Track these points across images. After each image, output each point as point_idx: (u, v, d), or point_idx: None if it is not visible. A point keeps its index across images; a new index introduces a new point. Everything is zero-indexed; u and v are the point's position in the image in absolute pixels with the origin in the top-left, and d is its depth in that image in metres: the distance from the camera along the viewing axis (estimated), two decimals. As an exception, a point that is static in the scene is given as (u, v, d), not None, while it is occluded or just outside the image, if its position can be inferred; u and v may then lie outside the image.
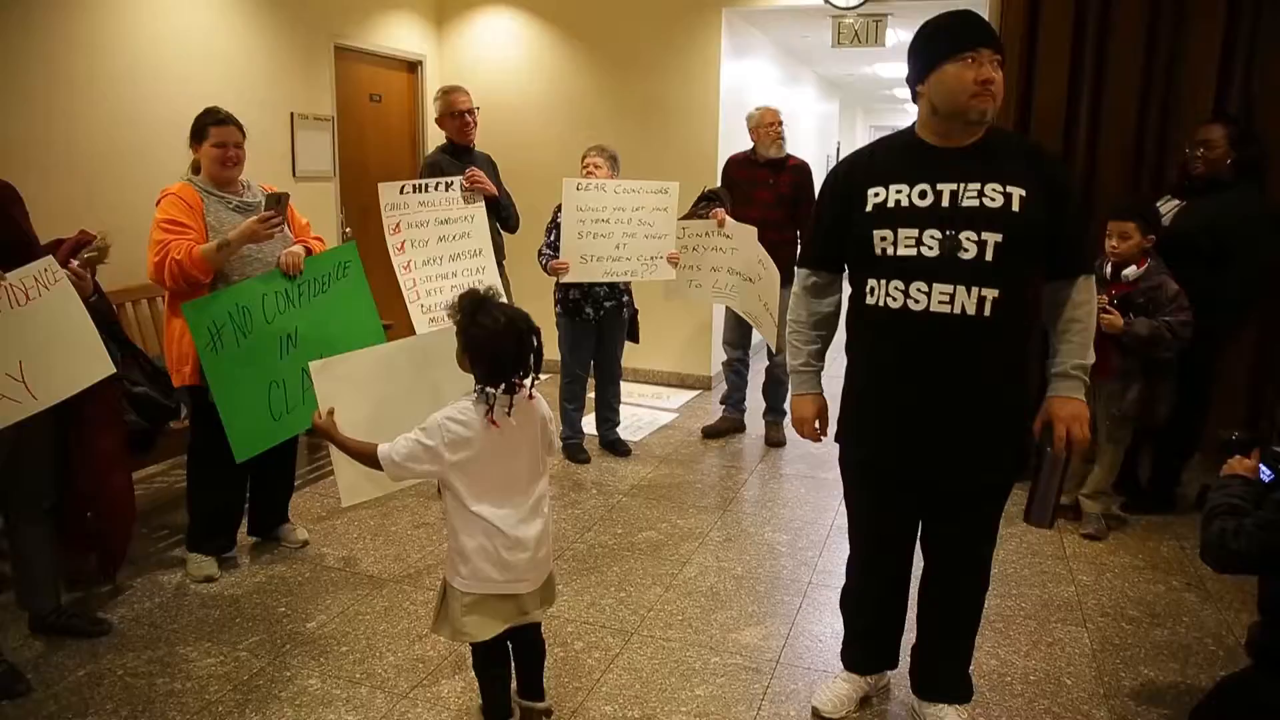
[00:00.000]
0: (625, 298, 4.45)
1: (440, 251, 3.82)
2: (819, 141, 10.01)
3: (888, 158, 2.16)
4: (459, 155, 4.06)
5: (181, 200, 3.04)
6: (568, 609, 3.06)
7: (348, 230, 5.58)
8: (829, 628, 2.95)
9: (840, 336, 2.33)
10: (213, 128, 3.08)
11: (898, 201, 2.07)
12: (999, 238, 1.99)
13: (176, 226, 2.99)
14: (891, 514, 2.31)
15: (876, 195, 2.10)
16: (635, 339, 4.66)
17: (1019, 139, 2.21)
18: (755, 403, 5.10)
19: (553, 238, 4.25)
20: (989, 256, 2.00)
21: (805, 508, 4.01)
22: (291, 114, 5.09)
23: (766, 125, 4.63)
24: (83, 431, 2.74)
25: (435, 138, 6.36)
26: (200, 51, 4.52)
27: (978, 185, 2.01)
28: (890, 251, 2.08)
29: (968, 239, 2.00)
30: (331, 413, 2.32)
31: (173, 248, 2.95)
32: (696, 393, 6.03)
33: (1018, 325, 2.08)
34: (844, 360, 2.32)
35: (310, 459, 4.42)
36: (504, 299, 2.45)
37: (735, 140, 5.61)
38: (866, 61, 8.69)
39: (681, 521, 3.83)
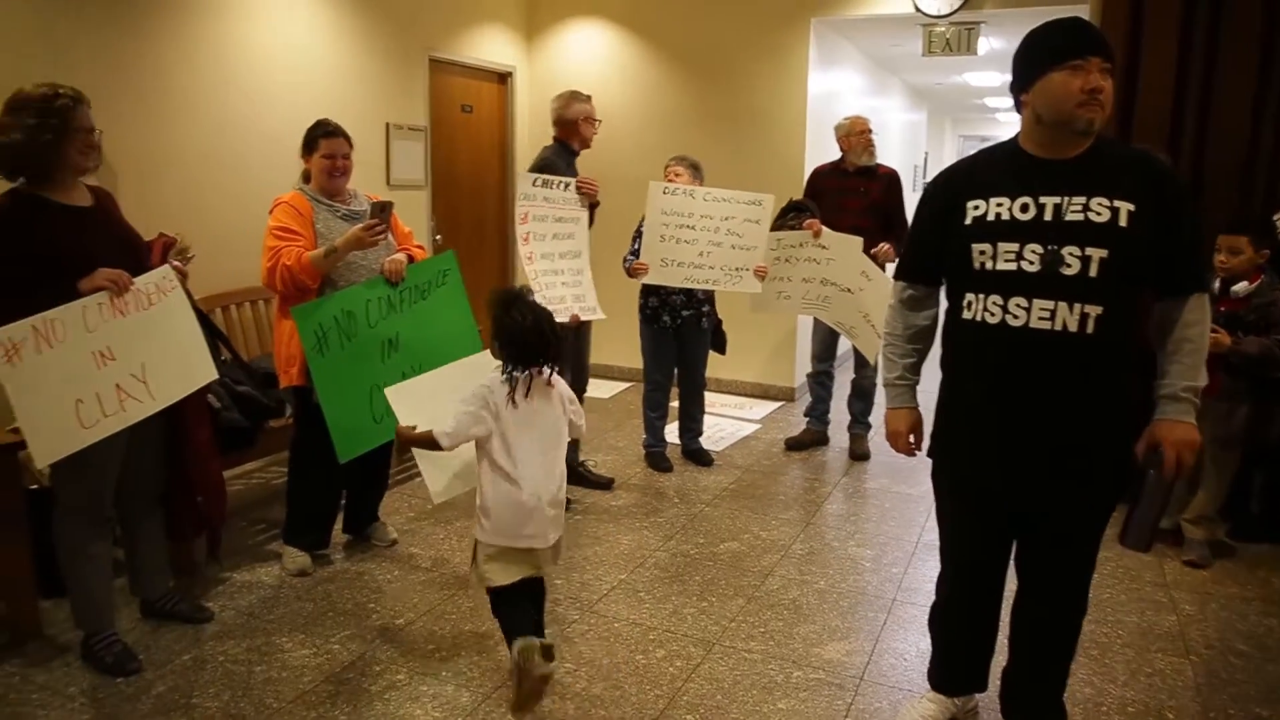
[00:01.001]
0: (705, 308, 4.44)
1: (553, 248, 3.88)
2: (906, 152, 9.85)
3: (989, 169, 2.11)
4: (570, 157, 4.11)
5: (293, 208, 3.15)
6: (649, 616, 3.07)
7: (438, 237, 5.72)
8: (914, 646, 2.89)
9: (936, 351, 2.30)
10: (322, 139, 3.18)
11: (998, 215, 2.03)
12: (1104, 254, 1.93)
13: (288, 234, 3.10)
14: (985, 534, 2.25)
15: (976, 208, 2.06)
16: (721, 350, 4.65)
17: (1130, 150, 2.12)
18: (839, 415, 5.04)
19: (637, 245, 4.28)
20: (1093, 273, 1.94)
21: (890, 523, 3.94)
22: (387, 124, 5.25)
23: (858, 133, 4.58)
24: (185, 424, 2.87)
25: (524, 146, 6.50)
26: (301, 64, 4.71)
27: (1083, 199, 1.95)
28: (989, 266, 2.03)
29: (1071, 254, 1.95)
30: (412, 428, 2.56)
31: (284, 254, 3.05)
32: (779, 404, 5.98)
33: (1122, 343, 2.01)
34: (939, 374, 2.28)
35: (400, 460, 4.53)
36: (535, 297, 2.72)
37: (821, 151, 5.57)
38: (956, 70, 8.53)
39: (764, 533, 3.81)
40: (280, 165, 4.47)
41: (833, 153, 4.80)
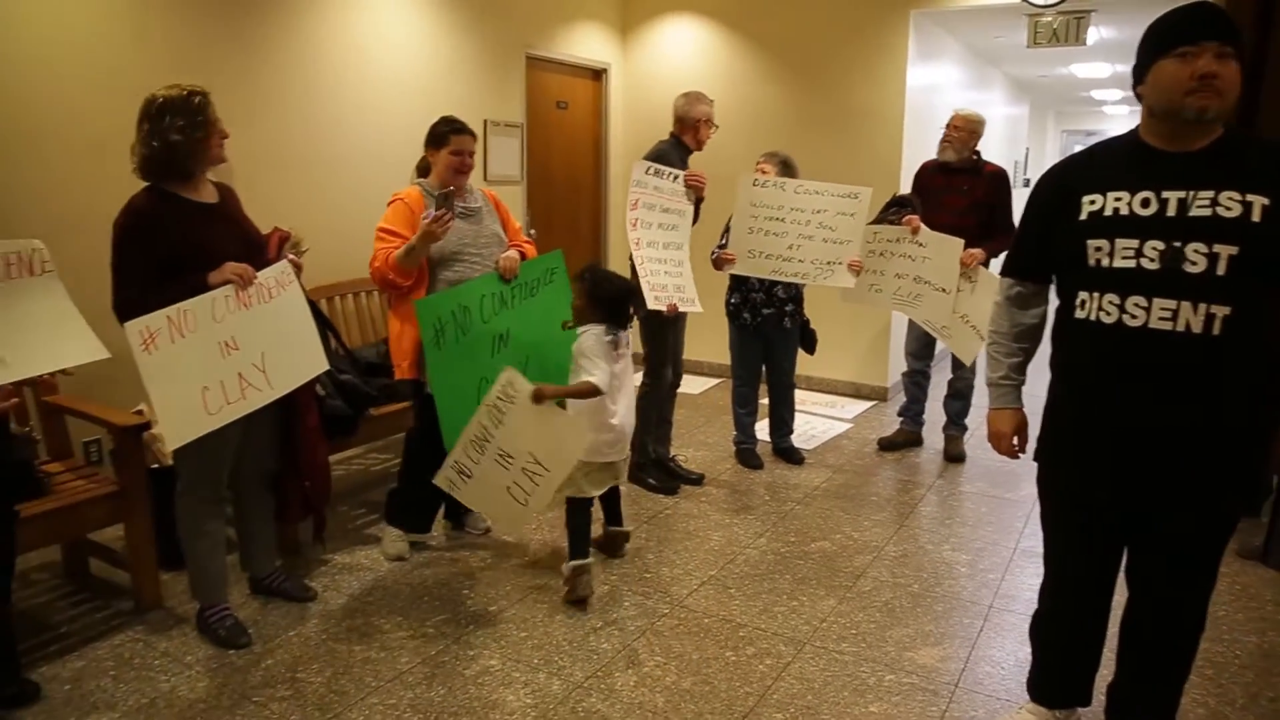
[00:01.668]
0: (788, 307, 4.38)
1: (657, 237, 3.90)
2: (1007, 147, 9.54)
3: (1107, 162, 2.02)
4: (684, 154, 4.12)
5: (406, 206, 3.18)
6: (739, 612, 3.06)
7: (532, 232, 5.81)
8: (1012, 655, 2.81)
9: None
10: (454, 135, 3.22)
11: (1116, 210, 1.94)
12: (1234, 250, 1.82)
13: (389, 235, 3.14)
14: (1092, 543, 2.16)
15: (1093, 202, 1.98)
16: (810, 350, 4.59)
17: (1266, 141, 2.00)
18: (935, 416, 4.92)
19: (725, 240, 4.26)
20: (1221, 270, 1.84)
21: (987, 528, 3.84)
22: (485, 121, 5.35)
23: (950, 128, 4.46)
24: (296, 411, 2.99)
25: (617, 142, 6.55)
26: (404, 62, 4.84)
27: (1211, 193, 1.86)
28: (1106, 263, 1.95)
29: (1195, 251, 1.85)
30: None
31: (377, 256, 3.13)
32: (872, 403, 5.88)
33: (1255, 346, 1.89)
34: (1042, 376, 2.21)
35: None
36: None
37: (920, 147, 5.45)
38: (1063, 61, 8.21)
39: (856, 533, 3.75)
40: (382, 161, 4.62)
41: (932, 148, 4.68)
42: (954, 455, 4.72)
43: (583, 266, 3.20)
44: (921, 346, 4.77)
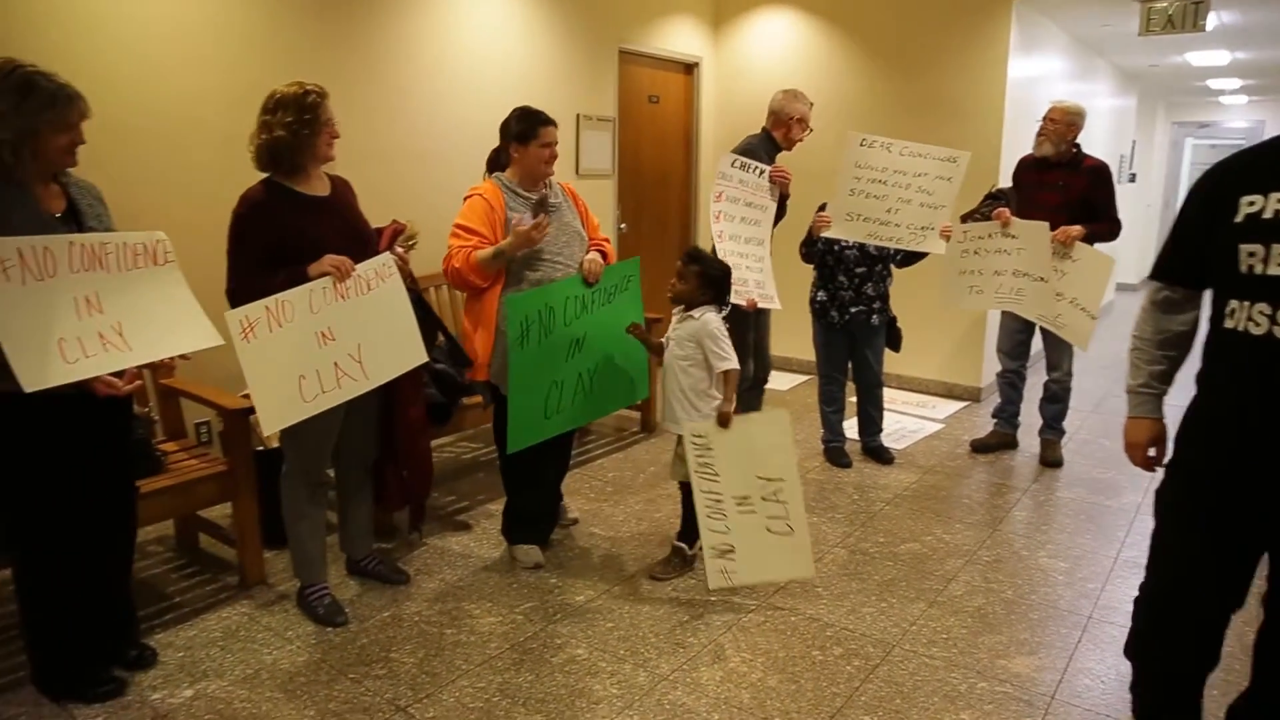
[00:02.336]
0: (876, 304, 4.30)
1: (740, 231, 3.89)
2: (1112, 140, 9.15)
3: (1274, 161, 1.86)
4: (772, 150, 4.09)
5: (484, 201, 3.11)
6: (826, 612, 3.03)
7: (623, 226, 5.84)
8: (1112, 669, 2.71)
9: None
10: (543, 128, 3.13)
11: (1277, 212, 1.79)
12: None
13: (466, 232, 3.08)
14: (1223, 569, 2.00)
15: (1251, 204, 1.82)
16: (896, 348, 4.51)
17: None
18: (1030, 418, 4.77)
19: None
20: None
21: (1086, 536, 3.70)
22: (578, 115, 5.40)
23: (1047, 120, 4.30)
24: (398, 400, 3.07)
25: (708, 136, 6.53)
26: (500, 57, 4.93)
27: None
28: (1259, 270, 1.80)
29: None
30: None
31: (454, 255, 3.07)
32: (964, 404, 5.74)
33: None
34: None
35: (579, 441, 4.67)
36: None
37: (1021, 140, 5.28)
38: (1177, 49, 7.82)
39: (947, 536, 3.67)
40: (479, 154, 4.70)
41: (1032, 143, 4.52)
42: (1050, 460, 4.57)
43: (686, 251, 3.20)
44: (1015, 345, 4.63)
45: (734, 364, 3.04)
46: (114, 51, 3.44)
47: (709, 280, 3.09)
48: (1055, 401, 4.56)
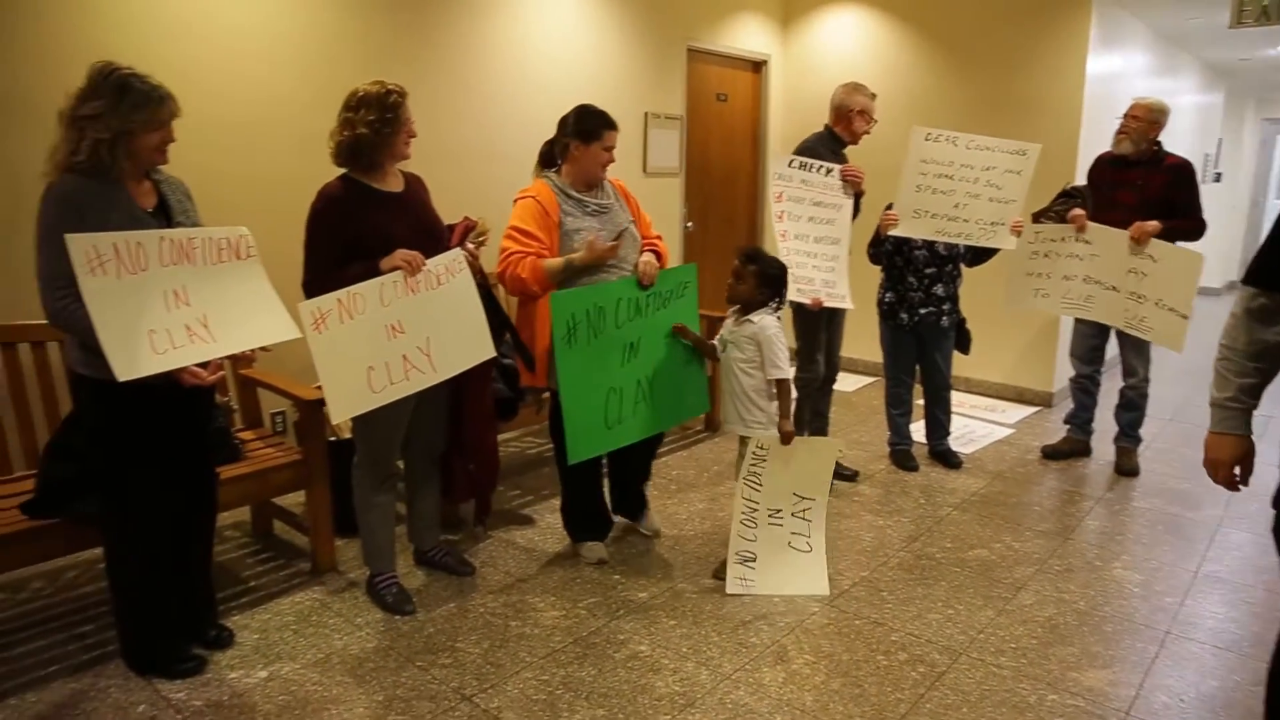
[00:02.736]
0: (946, 306, 4.22)
1: (808, 230, 3.85)
2: (1196, 138, 8.83)
3: None
4: (836, 146, 4.05)
5: (538, 204, 3.08)
6: (891, 616, 2.99)
7: (690, 224, 5.84)
8: (1193, 686, 2.62)
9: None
10: (608, 131, 3.11)
11: None
12: None
13: (525, 237, 3.05)
14: None
15: None
16: (965, 350, 4.42)
17: None
18: (1105, 425, 4.64)
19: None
20: None
21: (1163, 548, 3.59)
22: (645, 113, 5.41)
23: (1128, 118, 4.17)
24: (466, 394, 3.12)
25: (776, 134, 6.48)
26: (566, 57, 4.96)
27: None
28: None
29: None
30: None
31: (515, 261, 3.03)
32: (1035, 409, 5.60)
33: None
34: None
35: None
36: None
37: (1099, 139, 5.13)
38: (1270, 42, 7.51)
39: (1016, 543, 3.59)
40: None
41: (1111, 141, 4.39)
42: (1126, 469, 4.44)
43: (741, 250, 3.15)
44: (1089, 350, 4.50)
45: (786, 374, 3.04)
46: (202, 54, 3.56)
47: (767, 279, 3.08)
48: (1131, 409, 4.42)
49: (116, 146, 2.24)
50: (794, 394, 3.19)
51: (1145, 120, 4.11)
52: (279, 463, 3.15)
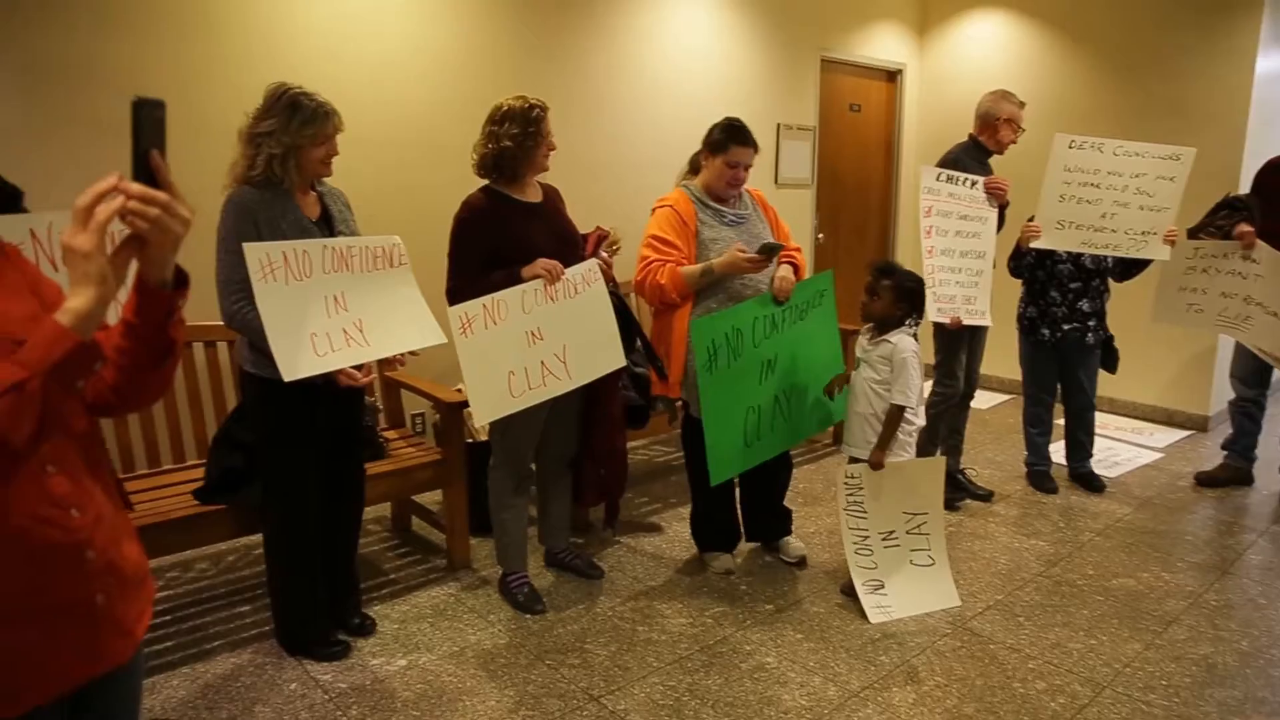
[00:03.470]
0: (1092, 322, 4.02)
1: (953, 245, 3.75)
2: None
3: None
4: (981, 157, 3.95)
5: (675, 214, 3.10)
6: (1028, 643, 2.88)
7: (820, 236, 5.78)
8: (1370, 738, 2.42)
9: None
10: (737, 147, 3.07)
11: None
12: None
13: (664, 245, 3.07)
14: None
15: None
16: (1111, 369, 4.20)
17: None
18: (1268, 453, 4.33)
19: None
20: None
21: (1336, 587, 3.32)
22: (778, 125, 5.40)
23: None
24: (598, 401, 3.18)
25: (910, 145, 6.35)
26: (699, 68, 5.01)
27: None
28: None
29: None
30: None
31: (655, 269, 3.05)
32: (1188, 433, 5.27)
33: None
34: None
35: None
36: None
37: (1268, 146, 4.80)
38: None
39: (1167, 575, 3.39)
40: (681, 164, 4.81)
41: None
42: (1294, 499, 4.13)
43: (875, 264, 3.09)
44: (1252, 372, 4.21)
45: (908, 403, 2.95)
46: (358, 73, 3.78)
47: (904, 293, 3.00)
48: (1301, 435, 4.11)
49: (288, 160, 2.41)
50: (917, 421, 3.06)
51: None
52: (420, 461, 3.30)
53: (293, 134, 2.40)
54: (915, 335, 3.04)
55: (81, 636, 1.20)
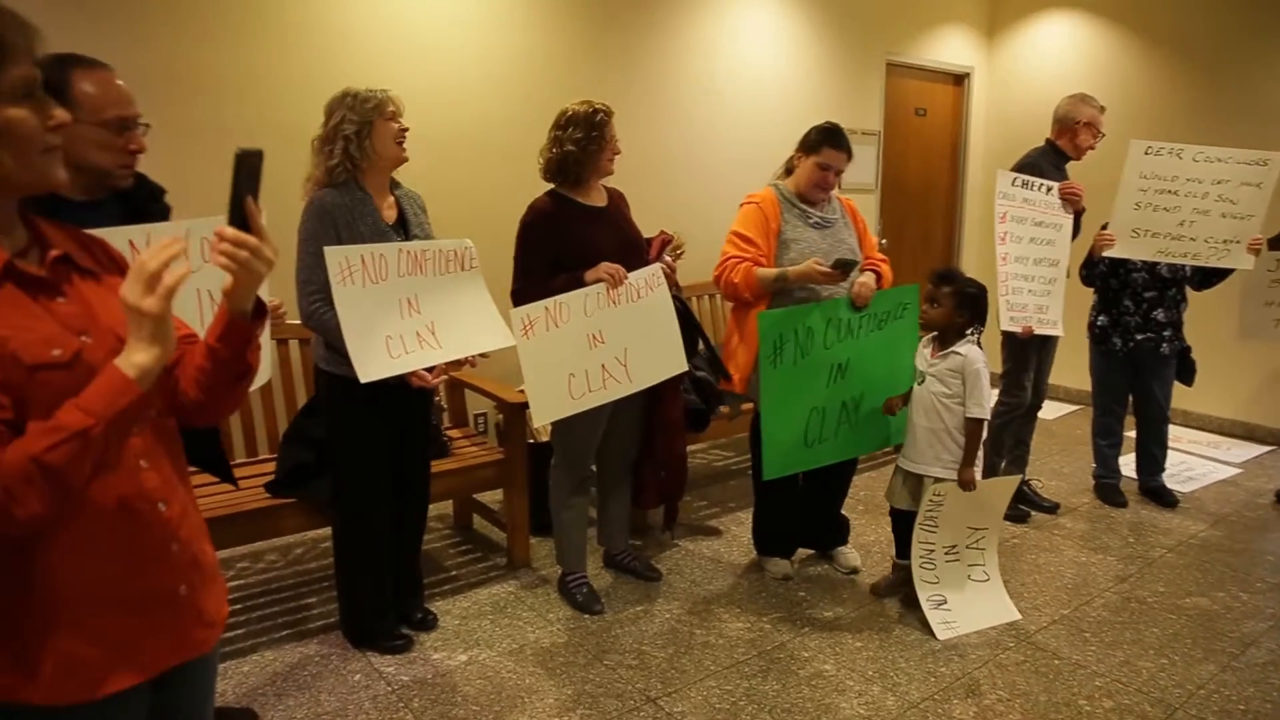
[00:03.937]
0: (1167, 332, 3.91)
1: (1027, 252, 3.68)
2: None
3: None
4: (1059, 162, 3.87)
5: (760, 212, 3.10)
6: (1095, 660, 2.81)
7: (883, 240, 5.72)
8: None
9: None
10: (828, 148, 3.05)
11: None
12: None
13: (745, 243, 3.08)
14: None
15: None
16: (1187, 381, 4.08)
17: None
18: (1355, 471, 4.16)
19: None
20: None
21: None
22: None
23: None
24: (658, 404, 3.20)
25: (977, 149, 6.25)
26: (764, 73, 5.00)
27: None
28: None
29: None
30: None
31: (732, 266, 3.06)
32: (1268, 449, 5.08)
33: None
34: None
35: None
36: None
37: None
38: None
39: (1245, 595, 3.28)
40: (747, 167, 4.81)
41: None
42: (1382, 520, 3.96)
43: (934, 272, 3.04)
44: (1342, 387, 4.05)
45: (986, 414, 2.91)
46: (426, 79, 3.86)
47: (965, 299, 2.94)
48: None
49: (363, 140, 2.47)
50: (984, 433, 3.04)
51: None
52: (482, 461, 3.35)
53: (359, 111, 2.46)
54: (979, 343, 2.99)
55: (170, 625, 1.26)
